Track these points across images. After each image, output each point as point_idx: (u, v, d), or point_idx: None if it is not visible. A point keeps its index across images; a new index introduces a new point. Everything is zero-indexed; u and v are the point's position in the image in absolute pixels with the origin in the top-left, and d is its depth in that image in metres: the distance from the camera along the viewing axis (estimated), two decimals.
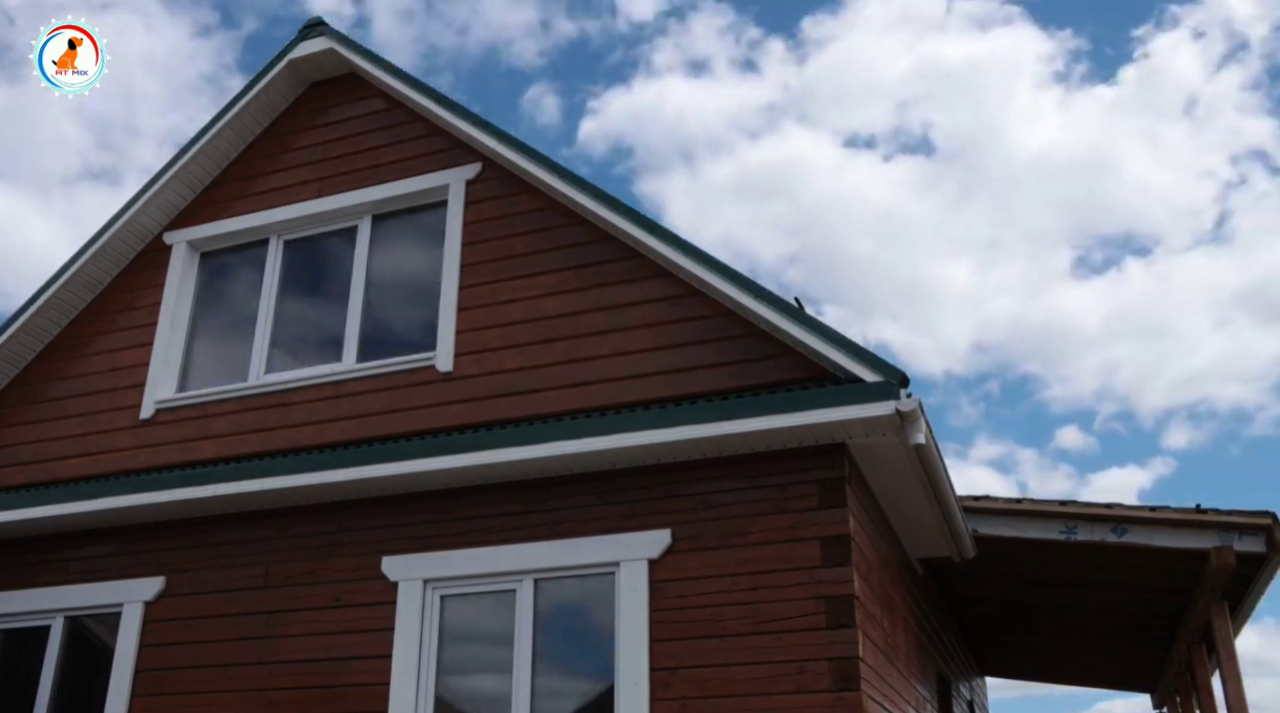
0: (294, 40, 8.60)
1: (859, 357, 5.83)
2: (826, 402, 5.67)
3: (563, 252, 7.13)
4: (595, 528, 6.17)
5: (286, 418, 7.40)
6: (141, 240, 8.69)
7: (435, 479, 6.55)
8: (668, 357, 6.50)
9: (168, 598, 7.14)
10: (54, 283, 8.49)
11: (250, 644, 6.74)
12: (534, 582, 6.20)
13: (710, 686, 5.57)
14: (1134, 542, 8.10)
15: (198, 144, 8.52)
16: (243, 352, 7.95)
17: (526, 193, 7.43)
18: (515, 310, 7.07)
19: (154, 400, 7.92)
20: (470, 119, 7.63)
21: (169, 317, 8.25)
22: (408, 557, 6.53)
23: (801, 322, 6.08)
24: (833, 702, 5.33)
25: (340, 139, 8.37)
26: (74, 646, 7.42)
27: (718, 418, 5.83)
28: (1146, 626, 11.73)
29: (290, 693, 6.50)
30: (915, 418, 5.59)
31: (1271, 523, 7.61)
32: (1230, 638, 8.68)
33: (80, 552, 7.57)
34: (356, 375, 7.35)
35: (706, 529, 5.93)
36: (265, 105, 8.67)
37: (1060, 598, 11.29)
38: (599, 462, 6.22)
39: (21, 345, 8.56)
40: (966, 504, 8.17)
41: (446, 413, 6.93)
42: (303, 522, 6.96)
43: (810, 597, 5.57)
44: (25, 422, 8.38)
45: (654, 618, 5.81)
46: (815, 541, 5.69)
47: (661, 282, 6.74)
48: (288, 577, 6.84)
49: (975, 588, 10.75)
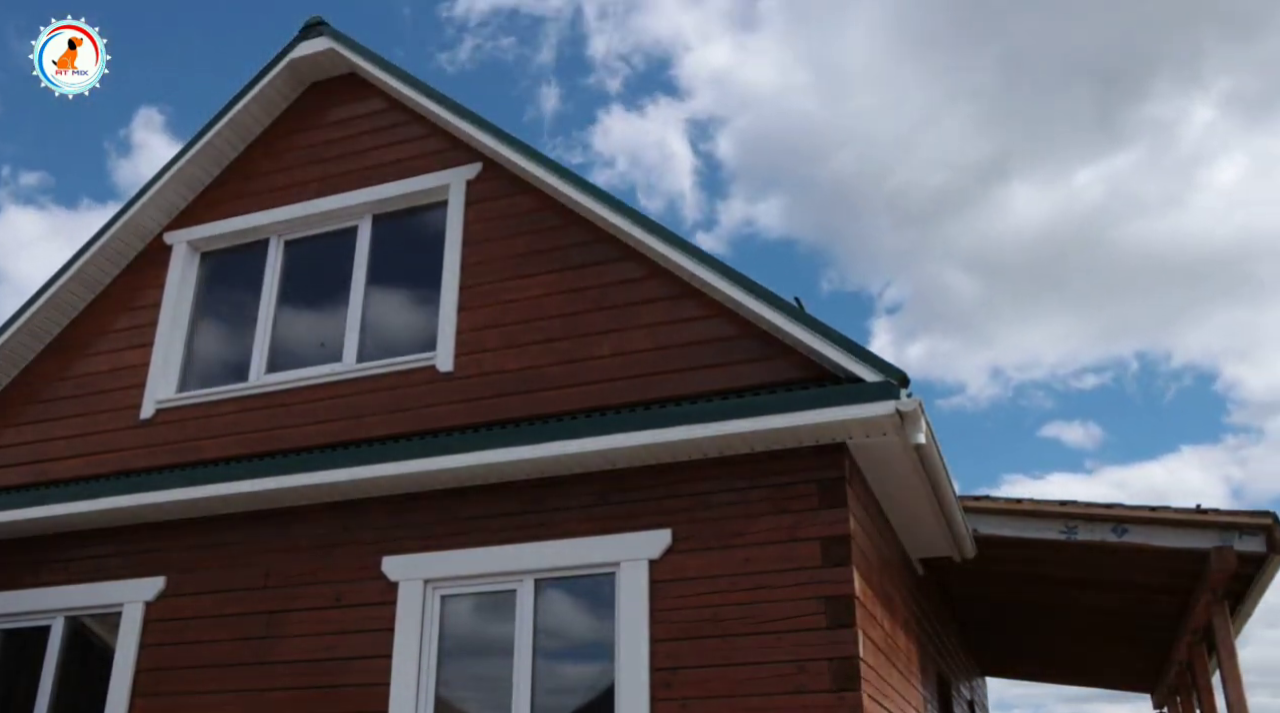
0: (294, 40, 8.58)
1: (859, 357, 5.83)
2: (826, 402, 5.67)
3: (563, 252, 7.13)
4: (595, 528, 6.16)
5: (286, 418, 7.40)
6: (142, 240, 8.68)
7: (435, 479, 6.55)
8: (668, 357, 6.50)
9: (168, 598, 7.14)
10: (54, 283, 8.49)
11: (250, 644, 6.74)
12: (534, 582, 6.19)
13: (710, 686, 5.57)
14: (1134, 542, 8.11)
15: (198, 144, 8.51)
16: (243, 352, 7.95)
17: (526, 193, 7.42)
18: (515, 310, 7.06)
19: (154, 400, 7.92)
20: (470, 119, 7.63)
21: (169, 317, 8.25)
22: (408, 557, 6.53)
23: (801, 322, 6.08)
24: (833, 702, 5.33)
25: (340, 139, 8.36)
26: (74, 646, 7.42)
27: (718, 418, 5.83)
28: (1147, 626, 11.74)
29: (290, 693, 6.49)
30: (915, 418, 5.59)
31: (1272, 523, 7.63)
32: (1231, 638, 8.69)
33: (80, 552, 7.57)
34: (356, 375, 7.35)
35: (706, 529, 5.92)
36: (265, 105, 8.66)
37: (1060, 598, 11.30)
38: (599, 462, 6.22)
39: (21, 345, 8.56)
40: (967, 504, 8.18)
41: (446, 413, 6.92)
42: (303, 522, 6.96)
43: (810, 597, 5.57)
44: (25, 422, 8.38)
45: (654, 618, 5.80)
46: (815, 541, 5.68)
47: (661, 282, 6.74)
48: (288, 577, 6.84)
49: (975, 588, 10.75)
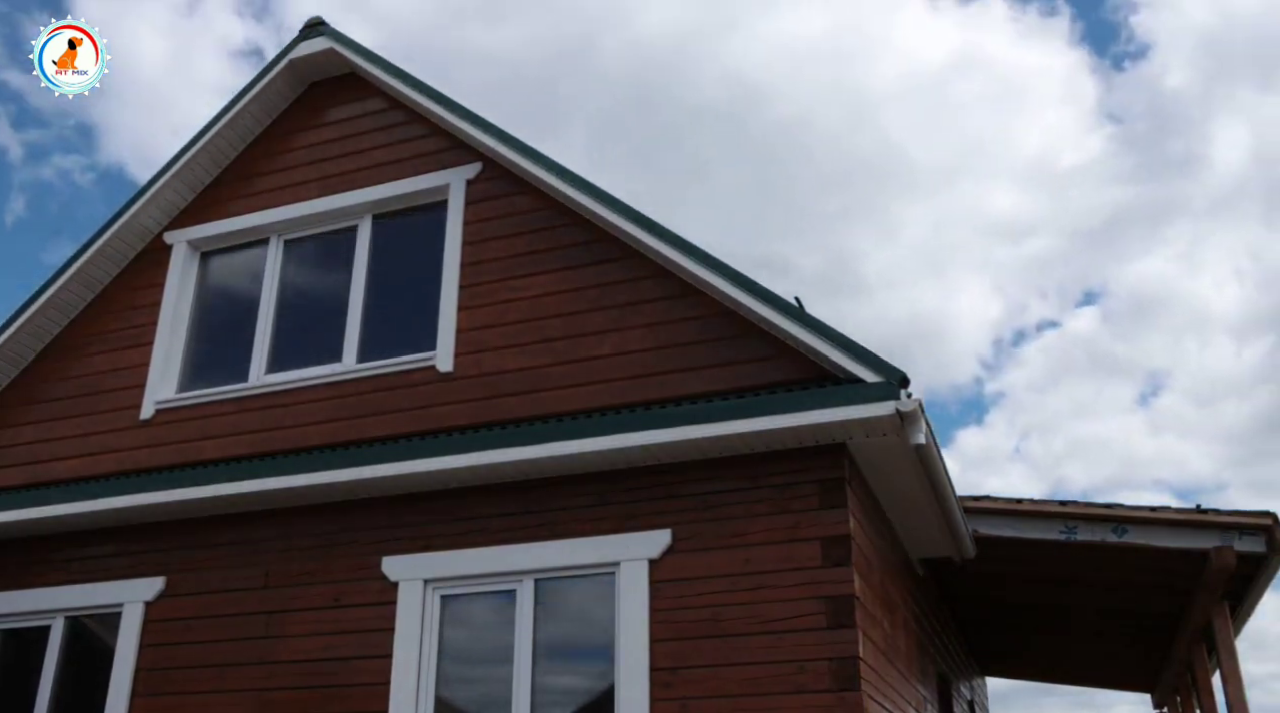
0: (294, 40, 8.59)
1: (859, 356, 5.83)
2: (826, 402, 5.67)
3: (563, 252, 7.13)
4: (595, 528, 6.16)
5: (286, 418, 7.40)
6: (142, 240, 8.68)
7: (435, 479, 6.55)
8: (668, 357, 6.50)
9: (168, 598, 7.14)
10: (54, 283, 8.49)
11: (250, 644, 6.74)
12: (534, 582, 6.19)
13: (710, 686, 5.57)
14: (1134, 542, 8.11)
15: (198, 144, 8.51)
16: (243, 352, 7.94)
17: (526, 193, 7.42)
18: (515, 310, 7.06)
19: (154, 400, 7.92)
20: (470, 119, 7.63)
21: (169, 317, 8.25)
22: (408, 557, 6.53)
23: (801, 321, 6.08)
24: (833, 702, 5.33)
25: (340, 139, 8.36)
26: (74, 646, 7.42)
27: (718, 418, 5.83)
28: (1146, 626, 11.74)
29: (290, 693, 6.49)
30: (915, 418, 5.59)
31: (1272, 523, 7.63)
32: (1230, 638, 8.70)
33: (80, 552, 7.57)
34: (356, 375, 7.35)
35: (706, 529, 5.92)
36: (265, 105, 8.66)
37: (1060, 598, 11.30)
38: (599, 462, 6.22)
39: (21, 345, 8.56)
40: (967, 504, 8.18)
41: (446, 413, 6.92)
42: (303, 522, 6.96)
43: (810, 597, 5.57)
44: (25, 422, 8.37)
45: (654, 618, 5.80)
46: (815, 540, 5.68)
47: (661, 282, 6.74)
48: (288, 577, 6.84)
49: (975, 588, 10.75)
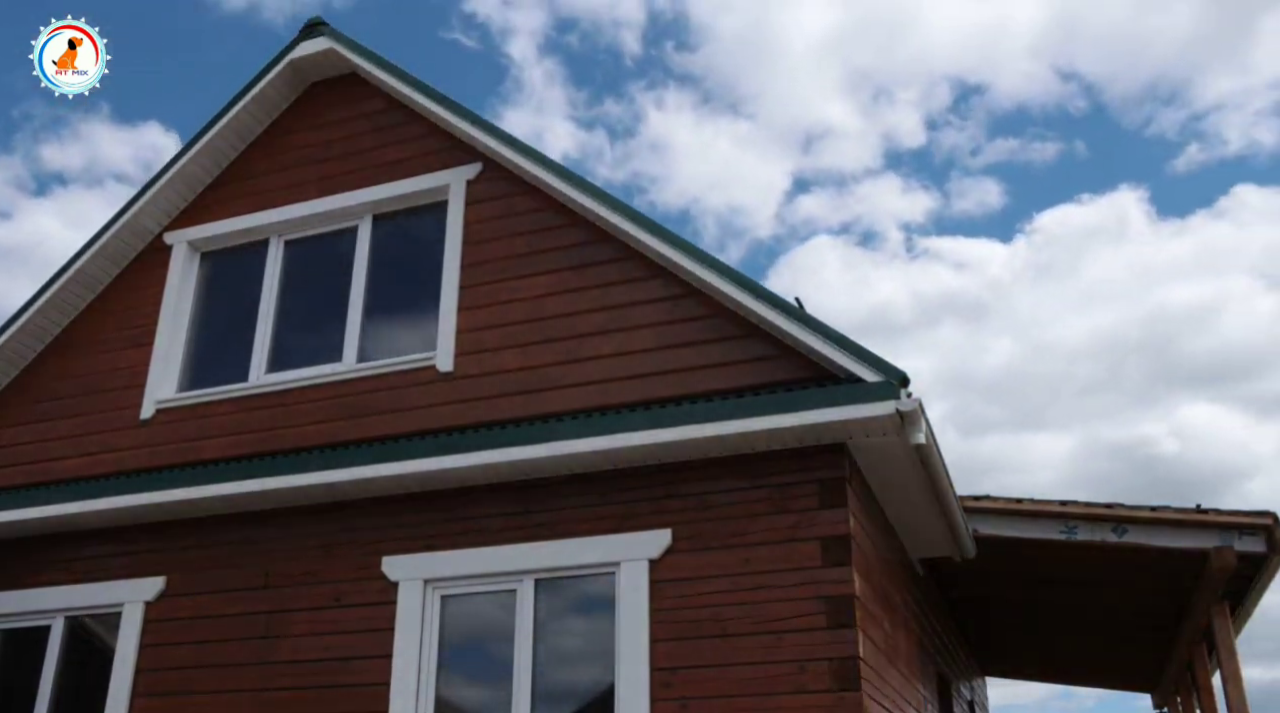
0: (294, 40, 8.58)
1: (860, 357, 5.83)
2: (827, 402, 5.66)
3: (563, 252, 7.13)
4: (595, 528, 6.16)
5: (286, 418, 7.40)
6: (141, 240, 8.68)
7: (435, 479, 6.55)
8: (668, 357, 6.49)
9: (168, 598, 7.14)
10: (54, 283, 8.49)
11: (250, 644, 6.74)
12: (534, 582, 6.19)
13: (710, 686, 5.57)
14: (1134, 542, 8.11)
15: (198, 144, 8.51)
16: (243, 352, 7.94)
17: (526, 193, 7.42)
18: (515, 310, 7.06)
19: (154, 400, 7.92)
20: (470, 119, 7.63)
21: (169, 317, 8.25)
22: (408, 557, 6.53)
23: (802, 322, 6.08)
24: (833, 702, 5.33)
25: (340, 139, 8.36)
26: (74, 646, 7.42)
27: (718, 418, 5.83)
28: (1147, 626, 11.74)
29: (290, 693, 6.49)
30: (916, 418, 5.59)
31: (1272, 523, 7.63)
32: (1231, 638, 8.70)
33: (80, 552, 7.57)
34: (356, 375, 7.35)
35: (707, 529, 5.92)
36: (265, 105, 8.66)
37: (1060, 598, 11.30)
38: (599, 462, 6.22)
39: (21, 345, 8.55)
40: (967, 504, 8.18)
41: (446, 413, 6.92)
42: (303, 522, 6.95)
43: (811, 597, 5.57)
44: (25, 422, 8.37)
45: (654, 618, 5.80)
46: (815, 540, 5.68)
47: (661, 282, 6.74)
48: (288, 577, 6.84)
49: (975, 588, 10.75)
